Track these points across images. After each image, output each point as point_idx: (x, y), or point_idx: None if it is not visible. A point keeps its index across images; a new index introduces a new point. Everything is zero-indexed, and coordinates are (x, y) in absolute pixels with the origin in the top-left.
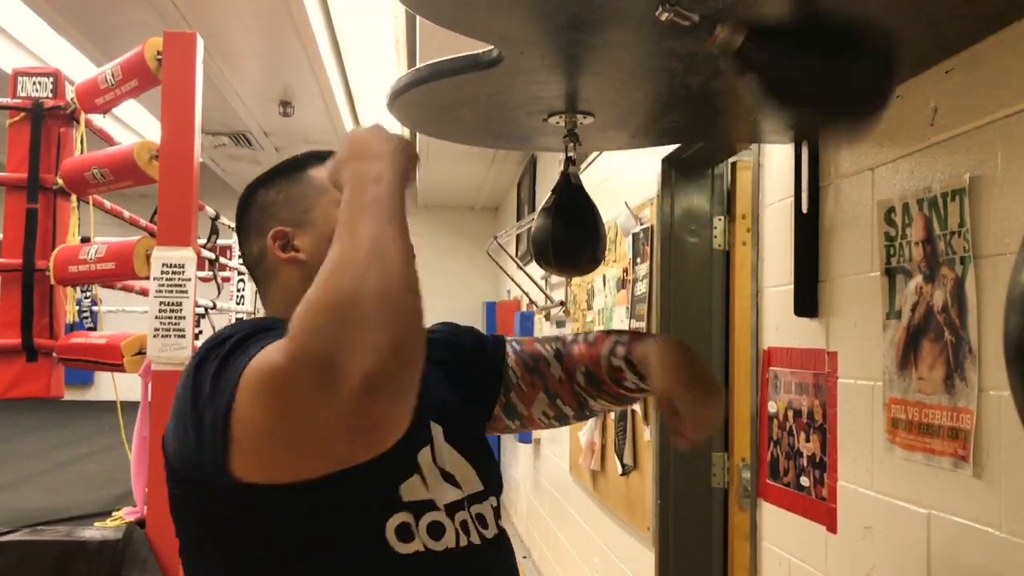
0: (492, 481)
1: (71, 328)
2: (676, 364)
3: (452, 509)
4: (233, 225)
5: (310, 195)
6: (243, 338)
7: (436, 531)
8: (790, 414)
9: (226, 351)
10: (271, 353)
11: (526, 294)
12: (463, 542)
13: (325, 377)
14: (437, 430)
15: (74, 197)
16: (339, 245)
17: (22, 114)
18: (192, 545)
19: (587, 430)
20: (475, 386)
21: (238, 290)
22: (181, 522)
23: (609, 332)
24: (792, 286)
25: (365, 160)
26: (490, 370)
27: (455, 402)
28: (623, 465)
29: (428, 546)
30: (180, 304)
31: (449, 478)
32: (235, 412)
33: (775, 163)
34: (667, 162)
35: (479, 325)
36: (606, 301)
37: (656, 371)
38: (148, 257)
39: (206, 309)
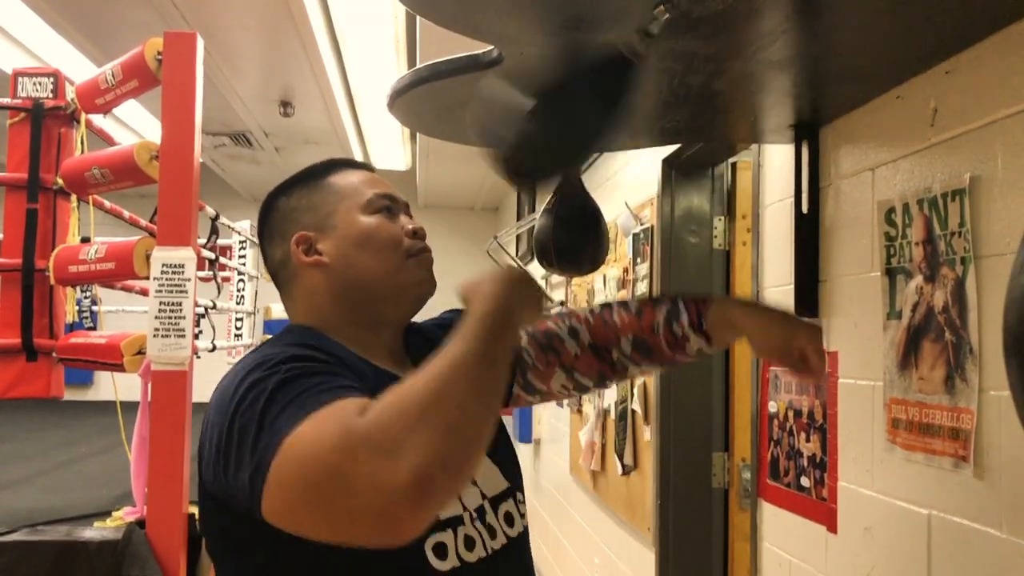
0: (514, 476)
1: (71, 328)
2: (775, 320)
3: (479, 514)
4: (234, 225)
5: (331, 201)
6: (307, 372)
7: (469, 544)
8: (790, 414)
9: (273, 387)
10: (348, 411)
11: None
12: (491, 548)
13: (388, 463)
14: None
15: (74, 197)
16: (460, 345)
17: (22, 114)
18: (227, 555)
19: (587, 430)
20: None
21: (238, 290)
22: (215, 536)
23: (651, 302)
24: (792, 286)
25: (491, 282)
26: None
27: None
28: (623, 465)
29: (464, 559)
30: (180, 304)
31: (479, 483)
32: (276, 470)
33: (775, 163)
34: (667, 162)
35: None
36: (606, 301)
37: (759, 334)
38: (148, 257)
39: (206, 309)
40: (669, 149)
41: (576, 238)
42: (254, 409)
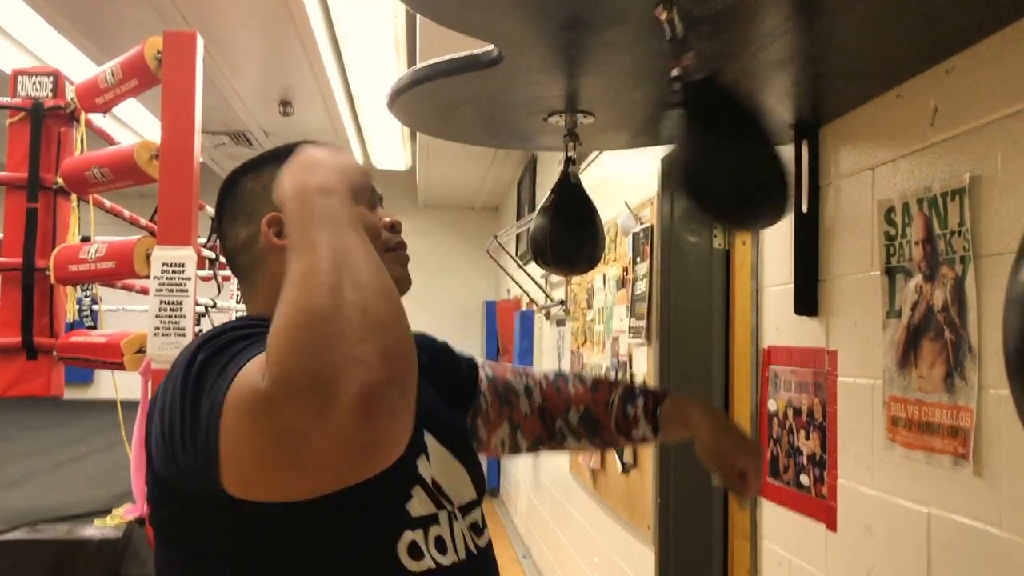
0: (481, 486)
1: (71, 327)
2: (727, 430)
3: (451, 520)
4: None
5: None
6: (231, 340)
7: (441, 546)
8: (790, 412)
9: (212, 352)
10: (252, 375)
11: (526, 293)
12: (462, 555)
13: (315, 401)
14: (430, 438)
15: (74, 197)
16: (300, 261)
17: (22, 114)
18: (178, 547)
19: None
20: (454, 394)
21: (238, 289)
22: (168, 546)
23: (607, 381)
24: (792, 285)
25: (311, 173)
26: (464, 391)
27: (442, 405)
28: (623, 464)
29: (438, 561)
30: (180, 303)
31: (446, 488)
32: (223, 431)
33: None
34: (667, 162)
35: (479, 325)
36: (606, 300)
37: (710, 436)
38: (148, 256)
39: (206, 308)
40: (669, 149)
41: (572, 238)
42: (195, 376)
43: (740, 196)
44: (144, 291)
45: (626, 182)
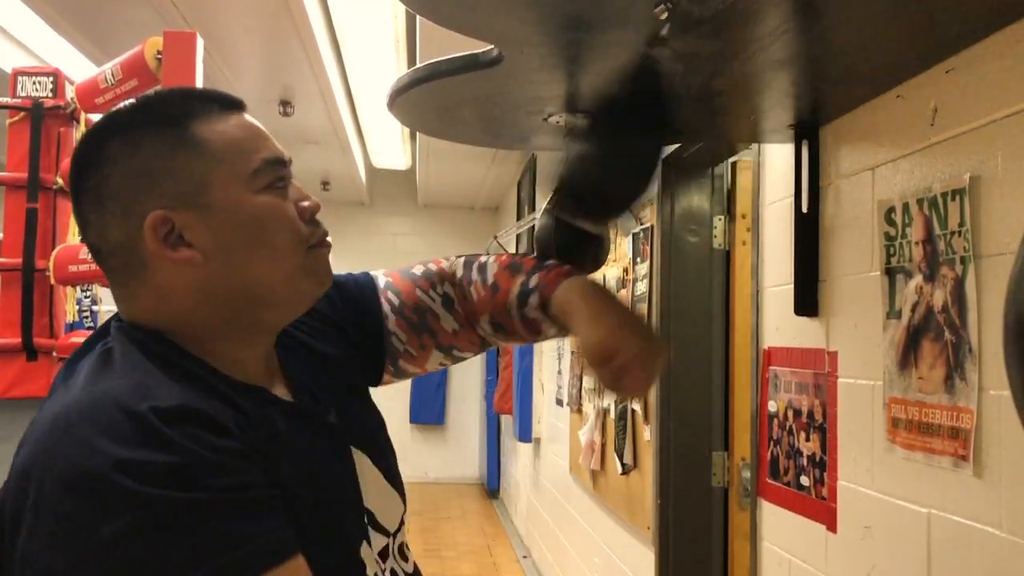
0: (403, 493)
1: (71, 327)
2: (603, 314)
3: (383, 556)
4: None
5: (202, 167)
6: (181, 510)
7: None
8: (790, 413)
9: (155, 528)
10: None
11: None
12: None
13: None
14: (361, 458)
15: None
16: None
17: (22, 114)
18: None
19: (587, 429)
20: (357, 360)
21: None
22: None
23: (507, 268)
24: (792, 286)
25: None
26: (370, 341)
27: (358, 403)
28: (623, 464)
29: None
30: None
31: (380, 518)
32: None
33: (775, 163)
34: (667, 162)
35: None
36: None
37: (584, 326)
38: None
39: None
40: (669, 149)
41: (576, 238)
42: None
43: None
44: None
45: None
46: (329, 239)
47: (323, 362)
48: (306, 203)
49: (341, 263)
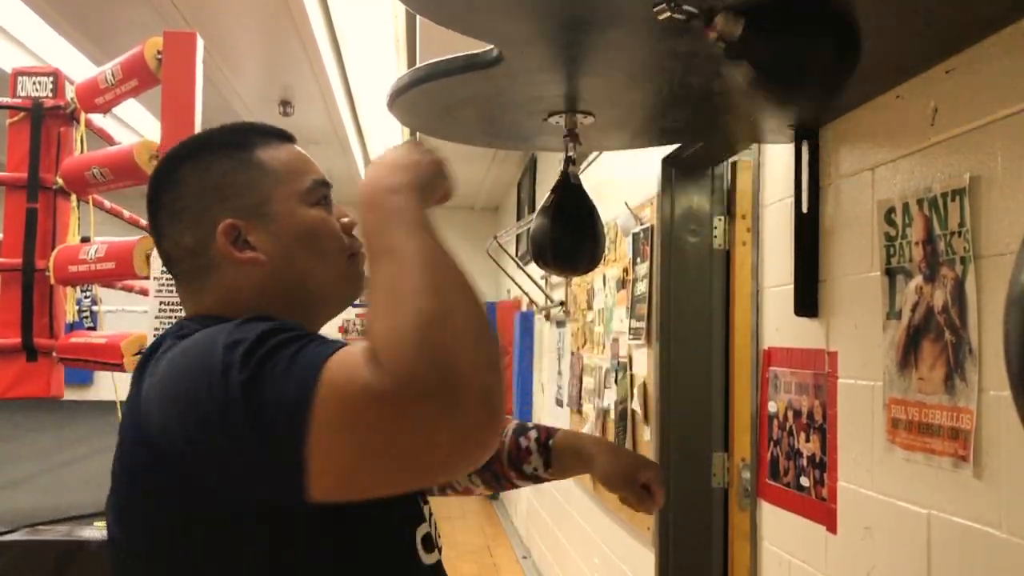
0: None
1: (71, 328)
2: (621, 451)
3: (430, 514)
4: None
5: (265, 184)
6: (287, 339)
7: (428, 544)
8: (790, 414)
9: (255, 343)
10: (356, 372)
11: (526, 294)
12: (440, 551)
13: (445, 401)
14: None
15: (74, 197)
16: (388, 264)
17: (22, 114)
18: (168, 555)
19: (587, 430)
20: None
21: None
22: (149, 558)
23: None
24: (792, 286)
25: (385, 173)
26: None
27: None
28: None
29: (434, 557)
30: (180, 304)
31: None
32: (316, 426)
33: (775, 163)
34: (667, 162)
35: None
36: (606, 301)
37: (607, 460)
38: (148, 257)
39: None
40: (669, 149)
41: (573, 238)
42: (229, 380)
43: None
44: (144, 292)
45: (626, 182)
46: (364, 251)
47: None
48: (346, 219)
49: None
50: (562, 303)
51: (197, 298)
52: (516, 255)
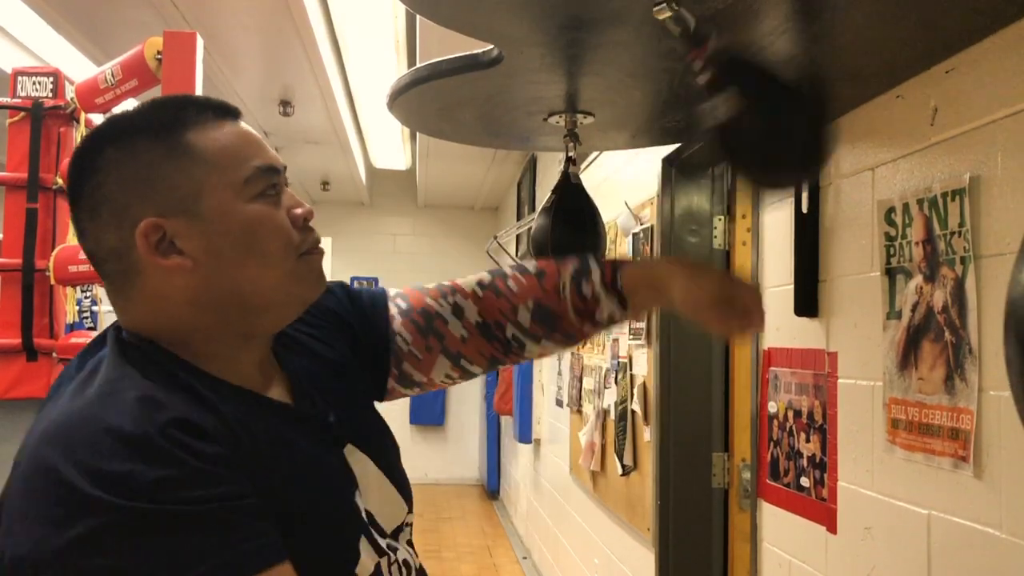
0: (409, 495)
1: (71, 328)
2: (705, 273)
3: (380, 553)
4: None
5: (195, 174)
6: (191, 517)
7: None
8: (790, 414)
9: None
10: None
11: None
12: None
13: None
14: (358, 455)
15: None
16: None
17: (22, 114)
18: None
19: (587, 430)
20: (363, 363)
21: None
22: None
23: (554, 262)
24: (792, 286)
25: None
26: (376, 340)
27: (364, 410)
28: (623, 465)
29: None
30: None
31: (380, 519)
32: None
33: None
34: (667, 162)
35: None
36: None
37: (693, 286)
38: None
39: None
40: (669, 149)
41: (574, 238)
42: (136, 536)
43: (804, 159)
44: None
45: (626, 182)
46: (322, 246)
47: (325, 364)
48: (299, 210)
49: (341, 263)
50: None
51: (126, 307)
52: (516, 255)
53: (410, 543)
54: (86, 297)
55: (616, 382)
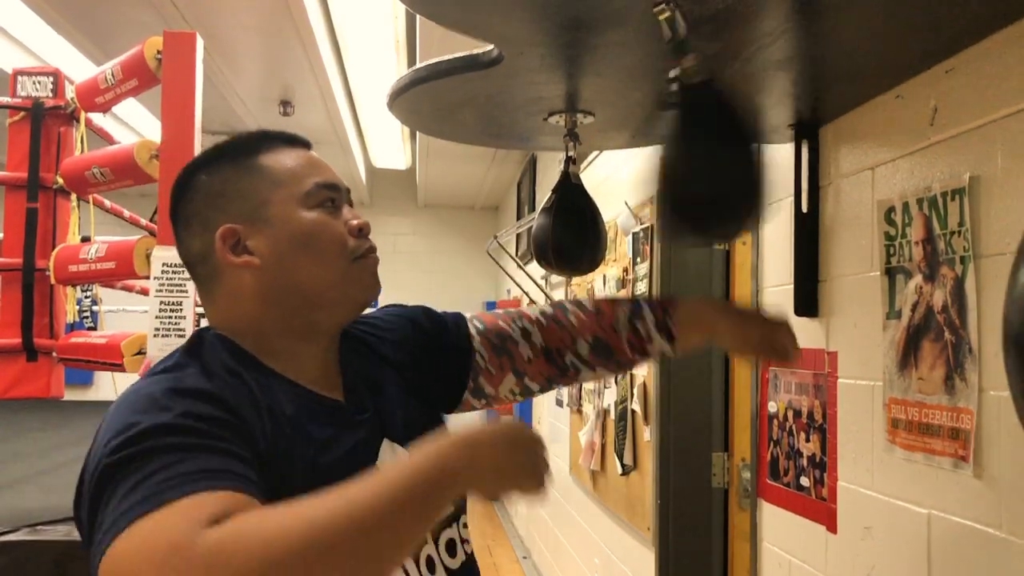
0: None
1: (71, 328)
2: (747, 314)
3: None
4: None
5: (264, 188)
6: (167, 447)
7: (451, 549)
8: (790, 414)
9: (140, 454)
10: (183, 524)
11: (526, 293)
12: (463, 558)
13: None
14: (399, 453)
15: (74, 196)
16: (328, 509)
17: (22, 113)
18: None
19: (587, 430)
20: (441, 376)
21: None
22: None
23: (609, 301)
24: (792, 286)
25: (454, 443)
26: (458, 356)
27: (417, 412)
28: (623, 465)
29: (463, 559)
30: (180, 304)
31: None
32: (104, 567)
33: (775, 163)
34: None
35: None
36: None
37: (738, 326)
38: (148, 256)
39: None
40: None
41: (574, 237)
42: (112, 479)
43: (722, 204)
44: (144, 292)
45: (626, 182)
46: (376, 254)
47: (383, 363)
48: (355, 221)
49: None
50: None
51: (211, 306)
52: (516, 254)
53: (452, 543)
54: (86, 297)
55: (616, 382)
